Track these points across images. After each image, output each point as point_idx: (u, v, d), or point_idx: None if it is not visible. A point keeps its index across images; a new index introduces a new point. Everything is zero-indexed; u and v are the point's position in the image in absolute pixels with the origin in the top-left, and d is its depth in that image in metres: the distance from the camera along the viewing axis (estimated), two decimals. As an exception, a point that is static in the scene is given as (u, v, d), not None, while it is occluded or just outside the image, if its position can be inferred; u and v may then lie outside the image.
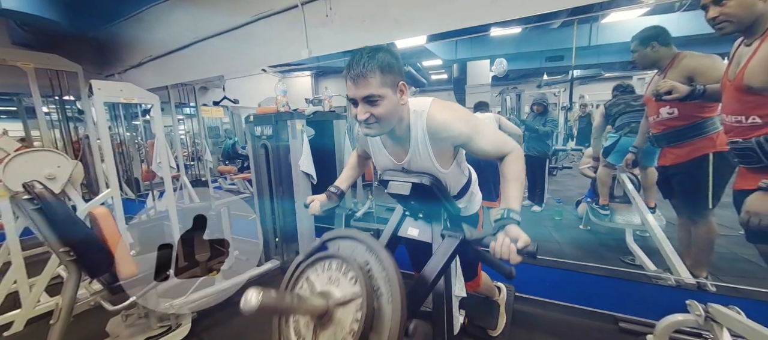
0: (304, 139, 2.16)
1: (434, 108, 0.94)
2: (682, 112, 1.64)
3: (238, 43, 2.97)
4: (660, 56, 1.70)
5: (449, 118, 0.92)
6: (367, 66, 0.81)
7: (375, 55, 0.83)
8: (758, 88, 1.01)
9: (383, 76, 0.83)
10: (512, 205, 0.84)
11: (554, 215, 3.64)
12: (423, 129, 0.93)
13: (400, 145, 1.01)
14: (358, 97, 0.85)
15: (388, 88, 0.85)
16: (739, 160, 1.13)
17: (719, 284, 1.74)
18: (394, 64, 0.86)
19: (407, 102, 0.94)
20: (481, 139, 0.93)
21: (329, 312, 0.68)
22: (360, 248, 0.77)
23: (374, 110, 0.85)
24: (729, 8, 1.01)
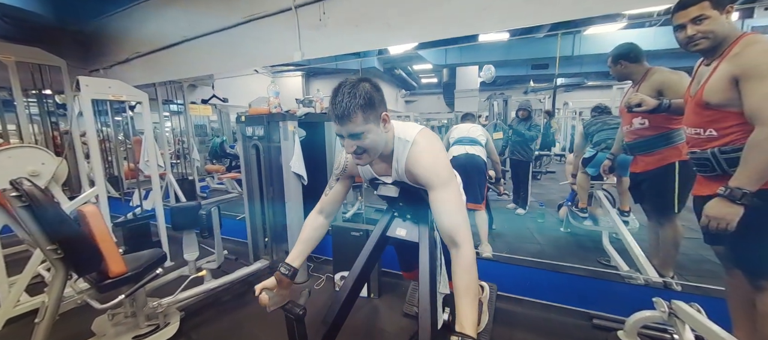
0: (295, 140, 2.19)
1: (417, 145, 0.96)
2: (652, 123, 1.76)
3: (230, 43, 2.97)
4: (631, 71, 1.82)
5: (425, 160, 0.94)
6: (349, 107, 0.85)
7: (355, 93, 0.86)
8: (715, 104, 1.12)
9: (365, 114, 0.87)
10: (466, 328, 0.78)
11: (537, 218, 3.78)
12: (404, 159, 0.97)
13: (385, 162, 1.05)
14: (344, 134, 0.90)
15: (371, 123, 0.89)
16: (697, 169, 1.24)
17: (683, 283, 1.87)
18: (375, 97, 0.89)
19: (392, 128, 0.98)
20: (441, 198, 0.90)
21: None
22: None
23: (361, 143, 0.91)
24: (705, 26, 1.11)
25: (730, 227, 1.04)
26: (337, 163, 1.15)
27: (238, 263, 2.39)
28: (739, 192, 1.00)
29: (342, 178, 1.15)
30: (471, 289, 0.83)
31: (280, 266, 1.06)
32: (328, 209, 1.16)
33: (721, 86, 1.08)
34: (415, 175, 0.96)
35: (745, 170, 1.01)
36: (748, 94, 1.01)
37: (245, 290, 2.20)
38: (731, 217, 1.02)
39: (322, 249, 2.56)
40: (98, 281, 1.41)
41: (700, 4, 1.09)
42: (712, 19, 1.09)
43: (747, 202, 1.00)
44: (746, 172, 1.01)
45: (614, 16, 4.87)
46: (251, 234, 2.50)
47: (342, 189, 1.16)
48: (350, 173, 1.15)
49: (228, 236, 3.11)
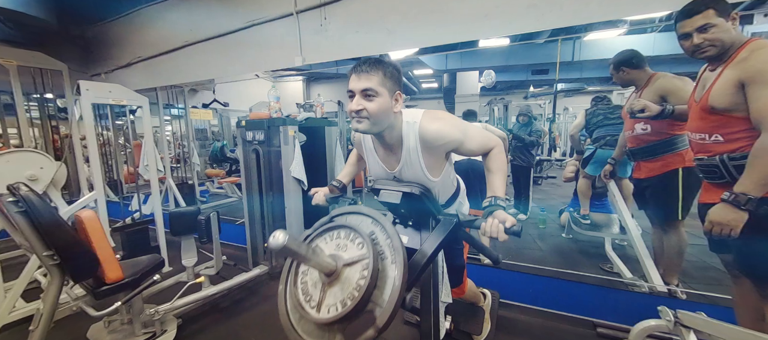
0: (295, 144, 2.19)
1: (426, 119, 1.01)
2: (655, 128, 1.75)
3: (231, 48, 2.98)
4: (633, 77, 1.82)
5: (441, 126, 0.99)
6: (373, 65, 0.92)
7: (382, 61, 0.94)
8: (721, 109, 1.10)
9: (384, 79, 0.93)
10: (498, 193, 0.97)
11: (538, 224, 3.75)
12: (415, 138, 1.00)
13: (392, 153, 1.06)
14: (356, 90, 0.93)
15: (386, 90, 0.93)
16: (704, 175, 1.22)
17: (688, 290, 1.85)
18: (396, 75, 0.97)
19: (400, 112, 1.00)
20: (470, 142, 1.03)
21: (337, 271, 0.74)
22: (366, 221, 0.84)
23: (368, 105, 0.92)
24: (712, 34, 1.10)
25: (733, 233, 1.02)
26: (353, 138, 1.28)
27: (236, 268, 2.37)
28: (744, 198, 0.99)
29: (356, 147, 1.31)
30: (501, 167, 1.03)
31: (332, 181, 1.32)
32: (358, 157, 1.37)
33: (726, 91, 1.07)
34: (442, 145, 1.01)
35: (751, 175, 0.99)
36: (755, 99, 1.00)
37: (244, 296, 2.17)
38: (735, 223, 1.01)
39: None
40: (94, 288, 1.39)
41: (705, 12, 1.09)
42: (718, 26, 1.08)
43: (752, 208, 0.99)
44: (751, 177, 0.99)
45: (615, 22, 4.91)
46: (250, 239, 2.48)
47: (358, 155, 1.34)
48: (359, 150, 1.27)
49: (227, 242, 3.09)
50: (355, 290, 0.69)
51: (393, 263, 0.73)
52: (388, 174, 1.10)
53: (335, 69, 6.93)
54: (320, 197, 1.29)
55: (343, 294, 0.71)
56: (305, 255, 0.70)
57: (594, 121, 2.72)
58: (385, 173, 1.11)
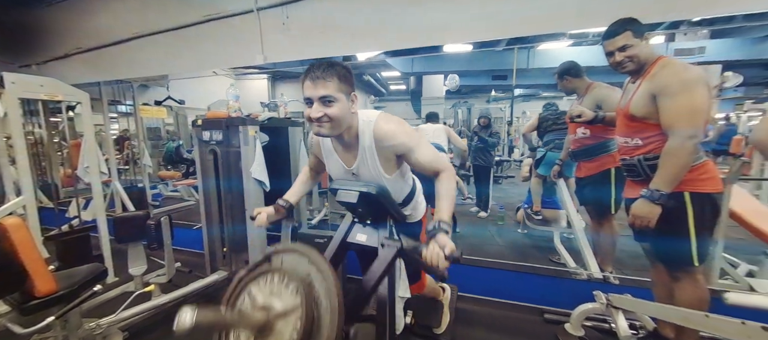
0: (256, 145, 2.12)
1: (381, 119, 1.05)
2: (593, 132, 1.95)
3: (187, 43, 2.82)
4: (574, 86, 2.01)
5: (394, 128, 1.04)
6: (327, 71, 0.93)
7: (334, 65, 0.95)
8: (639, 116, 1.27)
9: (340, 83, 0.95)
10: (443, 217, 0.98)
11: (497, 220, 3.98)
12: (370, 137, 1.04)
13: (350, 150, 1.10)
14: (314, 97, 0.94)
15: (343, 94, 0.96)
16: (627, 174, 1.39)
17: (621, 276, 2.08)
18: (349, 77, 0.99)
19: (357, 112, 1.04)
20: (419, 153, 1.05)
21: (270, 324, 0.70)
22: (303, 261, 0.80)
23: (328, 110, 0.94)
24: (629, 52, 1.27)
25: (650, 225, 1.18)
26: (309, 142, 1.29)
27: (192, 275, 2.24)
28: (657, 193, 1.15)
29: (313, 153, 1.28)
30: (449, 193, 1.05)
31: (279, 200, 1.25)
32: (314, 168, 1.33)
33: (643, 101, 1.23)
34: (391, 146, 1.04)
35: (661, 174, 1.16)
36: (663, 109, 1.16)
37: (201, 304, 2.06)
38: (652, 215, 1.17)
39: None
40: (21, 303, 1.25)
41: (624, 33, 1.25)
42: (635, 46, 1.25)
43: (663, 202, 1.15)
44: (662, 175, 1.15)
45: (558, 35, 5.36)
46: (208, 244, 2.36)
47: (317, 161, 1.29)
48: (316, 153, 1.25)
49: (182, 248, 2.91)
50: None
51: (328, 311, 0.70)
52: (347, 171, 1.13)
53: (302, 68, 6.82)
54: (263, 219, 1.20)
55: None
56: (227, 323, 0.66)
57: (544, 126, 2.95)
58: (344, 169, 1.14)
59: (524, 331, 1.82)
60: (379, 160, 1.07)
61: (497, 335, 1.79)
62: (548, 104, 3.27)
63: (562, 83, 2.07)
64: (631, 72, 1.31)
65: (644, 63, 1.26)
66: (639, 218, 1.20)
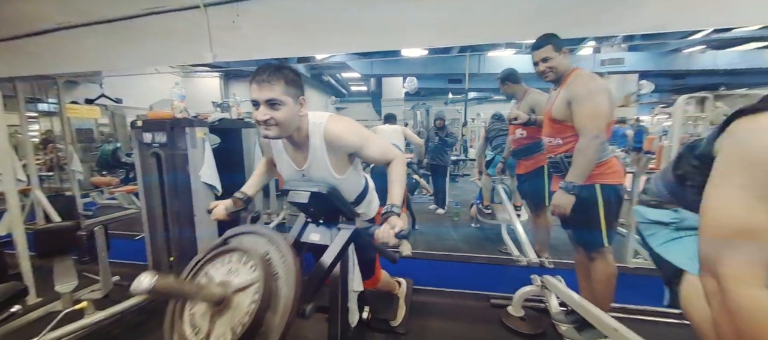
0: (206, 147, 2.03)
1: (330, 121, 1.09)
2: (529, 133, 2.18)
3: (125, 37, 2.59)
4: (513, 91, 2.23)
5: (342, 130, 1.08)
6: (273, 75, 0.94)
7: (281, 69, 0.97)
8: (559, 119, 1.46)
9: (287, 87, 0.97)
10: (395, 200, 1.05)
11: (453, 216, 4.20)
12: (321, 138, 1.07)
13: (301, 151, 1.12)
14: (261, 100, 0.95)
15: (290, 97, 0.98)
16: (552, 169, 1.59)
17: (554, 260, 2.34)
18: (297, 80, 1.01)
19: (306, 114, 1.07)
20: (369, 149, 1.11)
21: (227, 299, 0.71)
22: (261, 241, 0.83)
23: (275, 114, 0.96)
24: (550, 63, 1.46)
25: (567, 212, 1.37)
26: (261, 143, 1.33)
27: (134, 288, 2.07)
28: (572, 185, 1.34)
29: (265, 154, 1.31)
30: (399, 178, 1.11)
31: (236, 193, 1.24)
32: (272, 162, 1.30)
33: (561, 107, 1.43)
34: (341, 146, 1.09)
35: (574, 168, 1.35)
36: (575, 114, 1.36)
37: (144, 319, 1.92)
38: (568, 204, 1.36)
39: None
40: None
41: (545, 47, 1.44)
42: (555, 58, 1.44)
43: (577, 193, 1.34)
44: (575, 170, 1.35)
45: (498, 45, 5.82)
46: (152, 254, 2.20)
47: (269, 160, 1.32)
48: (268, 154, 1.28)
49: (122, 260, 2.66)
50: (246, 316, 0.67)
51: (285, 283, 0.72)
52: (298, 172, 1.15)
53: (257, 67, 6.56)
54: (221, 211, 1.22)
55: (234, 322, 0.68)
56: (183, 291, 0.67)
57: (491, 135, 3.24)
58: (295, 170, 1.16)
59: (473, 317, 1.97)
60: (330, 161, 1.11)
61: (449, 323, 1.91)
62: (495, 115, 3.59)
63: (503, 88, 2.28)
64: (552, 81, 1.50)
65: (562, 73, 1.46)
66: (557, 206, 1.38)
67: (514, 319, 1.88)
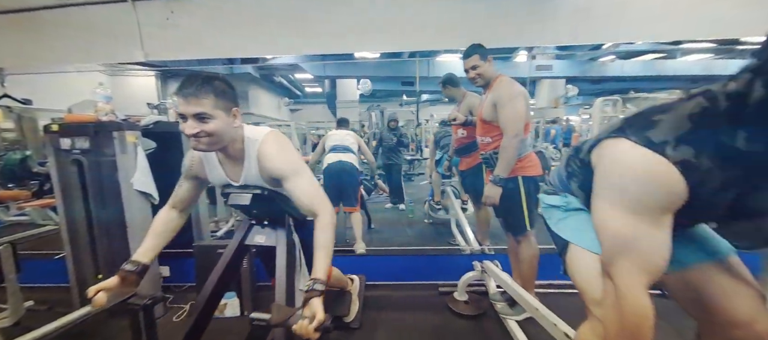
0: (138, 153, 1.89)
1: (267, 141, 1.04)
2: (469, 133, 2.37)
3: (36, 30, 2.29)
4: (453, 94, 2.42)
5: (275, 153, 1.03)
6: (201, 88, 0.90)
7: (211, 81, 0.92)
8: (488, 120, 1.64)
9: (217, 100, 0.92)
10: (318, 274, 0.94)
11: (408, 213, 4.37)
12: (255, 156, 1.04)
13: (237, 164, 1.08)
14: (188, 114, 0.91)
15: (221, 110, 0.94)
16: (485, 165, 1.78)
17: (493, 247, 2.58)
18: (229, 92, 0.97)
19: (241, 127, 1.03)
20: (297, 184, 1.01)
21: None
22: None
23: (205, 127, 0.92)
24: (479, 71, 1.62)
25: (496, 202, 1.55)
26: (184, 164, 1.14)
27: (52, 313, 1.85)
28: (498, 178, 1.52)
29: (189, 177, 1.15)
30: (326, 245, 0.98)
31: (125, 264, 1.01)
32: (181, 204, 1.16)
33: (489, 109, 1.61)
34: (269, 169, 1.03)
35: (500, 163, 1.54)
36: (499, 115, 1.54)
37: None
38: (495, 195, 1.54)
39: (184, 274, 2.26)
40: None
41: (473, 56, 1.62)
42: (481, 66, 1.61)
43: (503, 185, 1.53)
44: (500, 165, 1.54)
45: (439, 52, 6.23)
46: (77, 274, 1.98)
47: (191, 187, 1.16)
48: (196, 173, 1.14)
49: (37, 283, 2.34)
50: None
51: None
52: (233, 183, 1.12)
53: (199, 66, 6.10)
54: (101, 300, 0.93)
55: None
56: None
57: (438, 136, 3.46)
58: (230, 181, 1.12)
59: (423, 305, 2.10)
60: (264, 180, 1.07)
61: (401, 313, 2.01)
62: (443, 121, 3.85)
63: (444, 91, 2.46)
64: (481, 86, 1.68)
65: (489, 79, 1.64)
66: (488, 197, 1.56)
67: (459, 303, 2.04)
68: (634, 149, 0.60)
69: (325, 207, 1.01)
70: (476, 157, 2.39)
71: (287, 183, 1.02)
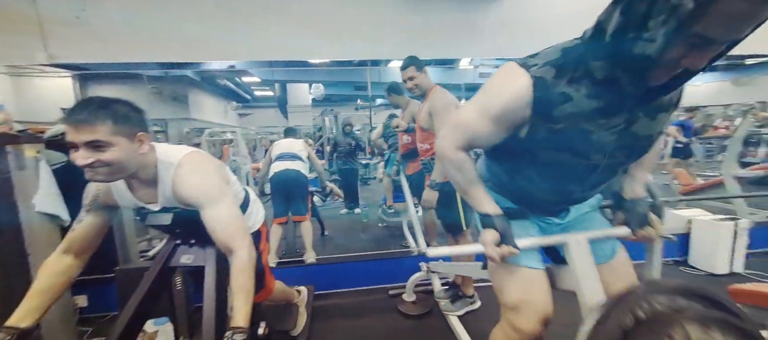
0: (41, 168, 1.65)
1: (183, 164, 0.96)
2: (413, 139, 2.47)
3: None
4: (397, 101, 2.50)
5: (190, 180, 0.95)
6: (95, 114, 0.81)
7: (109, 105, 0.84)
8: (425, 128, 1.73)
9: (115, 126, 0.83)
10: (238, 321, 0.86)
11: (363, 218, 4.39)
12: (169, 181, 0.96)
13: (151, 187, 0.99)
14: (79, 142, 0.81)
15: (122, 137, 0.85)
16: (425, 170, 1.87)
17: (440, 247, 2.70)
18: (133, 116, 0.88)
19: (152, 150, 0.95)
20: (211, 215, 0.93)
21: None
22: None
23: (102, 156, 0.83)
24: (416, 82, 1.71)
25: (433, 205, 1.65)
26: (87, 192, 1.00)
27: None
28: (434, 183, 1.62)
29: (94, 209, 1.01)
30: (244, 288, 0.91)
31: (3, 328, 0.85)
32: (78, 246, 1.01)
33: (426, 117, 1.70)
34: (183, 196, 0.95)
35: (436, 169, 1.64)
36: (434, 124, 1.64)
37: None
38: (433, 198, 1.63)
39: (105, 303, 2.02)
40: None
41: (409, 68, 1.70)
42: (418, 77, 1.70)
43: (439, 189, 1.62)
44: (436, 170, 1.64)
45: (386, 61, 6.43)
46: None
47: (96, 222, 1.03)
48: (105, 202, 1.02)
49: None
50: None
51: None
52: (151, 207, 1.03)
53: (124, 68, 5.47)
54: None
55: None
56: None
57: (388, 132, 3.51)
58: (146, 206, 1.03)
59: (374, 310, 2.13)
60: (180, 205, 0.99)
61: (351, 321, 2.02)
62: (391, 115, 3.90)
63: (390, 98, 2.53)
64: (419, 96, 1.77)
65: (426, 89, 1.74)
66: (426, 201, 1.65)
67: (407, 304, 2.11)
68: (511, 65, 0.72)
69: (243, 243, 0.94)
70: (419, 163, 2.49)
71: (203, 212, 0.94)
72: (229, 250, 0.93)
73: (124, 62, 2.04)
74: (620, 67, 0.61)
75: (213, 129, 6.43)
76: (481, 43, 2.19)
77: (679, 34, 0.50)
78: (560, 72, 0.67)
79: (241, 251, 0.93)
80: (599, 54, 0.63)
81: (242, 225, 0.98)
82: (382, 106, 12.07)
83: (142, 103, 0.95)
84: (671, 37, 0.50)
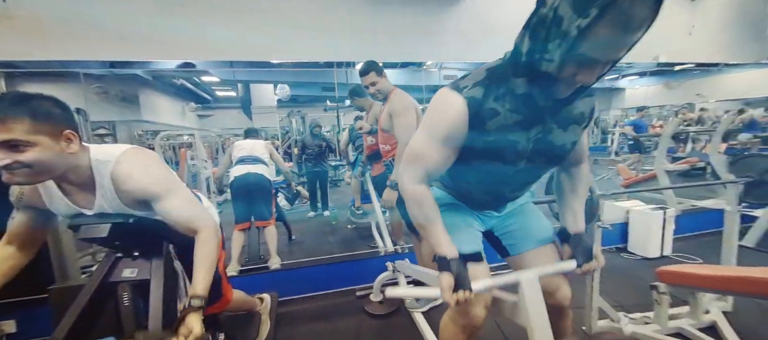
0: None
1: (123, 160, 0.91)
2: (377, 140, 2.50)
3: None
4: (361, 104, 2.52)
5: (135, 173, 0.90)
6: (10, 110, 0.74)
7: (26, 101, 0.77)
8: (386, 130, 1.76)
9: (35, 124, 0.77)
10: (197, 290, 0.88)
11: (331, 220, 4.34)
12: (108, 179, 0.90)
13: (86, 190, 0.92)
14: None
15: (44, 136, 0.79)
16: (387, 170, 1.90)
17: (406, 246, 2.76)
18: (56, 113, 0.82)
19: (80, 150, 0.88)
20: (169, 206, 0.92)
21: None
22: None
23: (20, 157, 0.76)
24: (377, 87, 1.72)
25: (392, 205, 1.69)
26: (12, 190, 0.93)
27: None
28: (394, 183, 1.65)
29: (22, 208, 0.97)
30: (207, 258, 0.93)
31: None
32: (18, 241, 0.99)
33: (386, 119, 1.73)
34: (131, 192, 0.91)
35: (395, 169, 1.68)
36: (395, 125, 1.68)
37: None
38: (392, 198, 1.67)
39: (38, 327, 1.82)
40: None
41: (370, 74, 1.72)
42: (379, 82, 1.73)
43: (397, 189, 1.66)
44: (395, 170, 1.68)
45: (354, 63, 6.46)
46: None
47: (29, 220, 0.99)
48: (30, 202, 0.94)
49: None
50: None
51: None
52: (86, 212, 0.95)
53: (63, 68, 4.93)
54: None
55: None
56: None
57: (355, 134, 3.50)
58: (80, 212, 0.95)
59: (341, 312, 2.12)
60: (127, 205, 0.94)
61: (318, 324, 1.99)
62: (358, 117, 3.90)
63: (353, 101, 2.54)
64: (380, 100, 1.80)
65: (386, 93, 1.77)
66: (385, 201, 1.69)
67: (374, 304, 2.13)
68: (445, 91, 0.79)
69: (206, 222, 0.96)
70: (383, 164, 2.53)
71: (158, 205, 0.92)
72: (194, 231, 0.95)
73: (58, 60, 1.85)
74: (533, 83, 0.71)
75: (168, 131, 6.02)
76: (439, 46, 2.27)
77: (570, 54, 0.60)
78: (488, 91, 0.76)
79: (205, 228, 0.95)
80: (517, 72, 0.72)
81: (201, 207, 1.00)
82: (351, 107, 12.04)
83: (82, 104, 0.88)
84: (565, 57, 0.61)
